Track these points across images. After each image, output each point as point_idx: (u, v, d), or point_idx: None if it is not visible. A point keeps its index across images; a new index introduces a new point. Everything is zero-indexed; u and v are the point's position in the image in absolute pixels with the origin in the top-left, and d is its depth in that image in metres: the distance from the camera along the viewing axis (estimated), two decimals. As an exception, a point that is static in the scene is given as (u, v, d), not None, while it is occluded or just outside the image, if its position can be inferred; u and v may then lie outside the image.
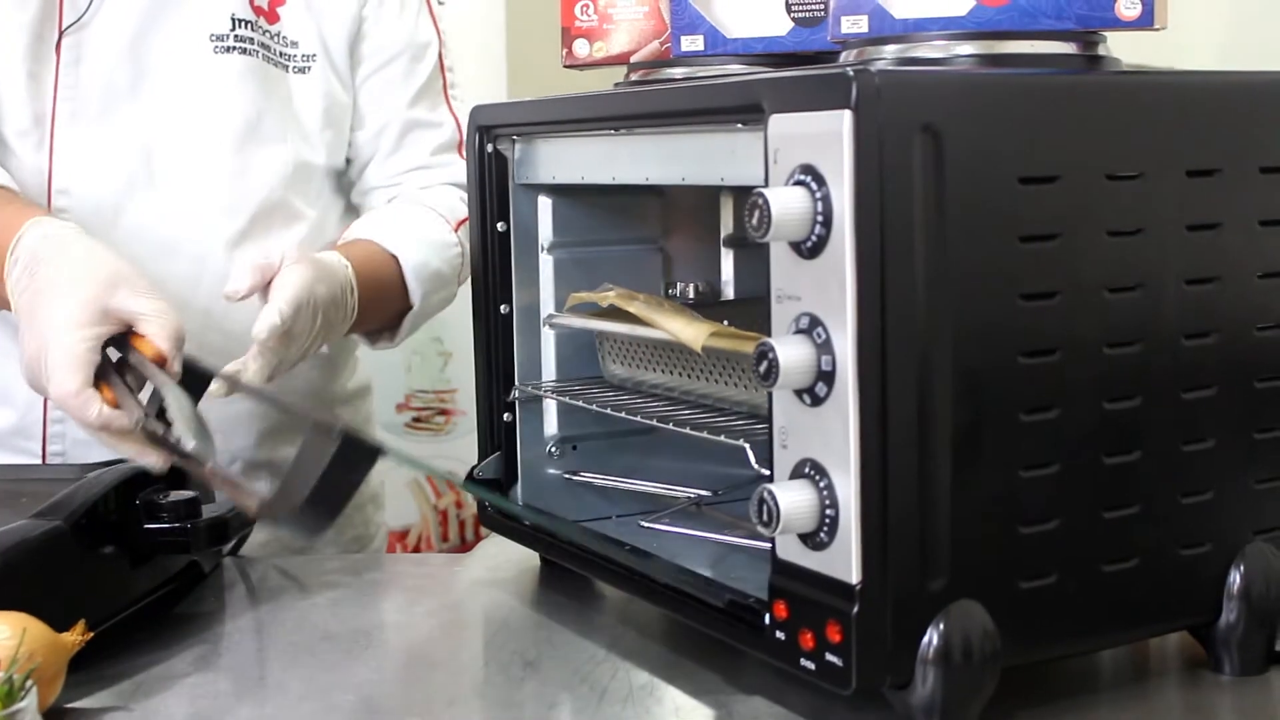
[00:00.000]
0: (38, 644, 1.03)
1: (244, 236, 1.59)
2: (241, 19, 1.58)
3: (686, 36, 1.29)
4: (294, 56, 1.62)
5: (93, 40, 1.54)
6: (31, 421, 1.57)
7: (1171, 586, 1.09)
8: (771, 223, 0.97)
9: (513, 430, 1.41)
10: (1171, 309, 1.07)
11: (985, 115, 0.99)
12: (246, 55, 1.58)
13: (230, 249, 1.58)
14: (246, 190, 1.60)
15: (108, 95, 1.54)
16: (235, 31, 1.58)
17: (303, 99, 1.63)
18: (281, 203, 1.62)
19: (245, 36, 1.58)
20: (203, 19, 1.57)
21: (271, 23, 1.61)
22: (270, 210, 1.61)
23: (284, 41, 1.62)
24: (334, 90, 1.65)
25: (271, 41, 1.61)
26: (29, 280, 1.30)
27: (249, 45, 1.59)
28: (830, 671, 0.99)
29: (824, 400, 0.98)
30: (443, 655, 1.25)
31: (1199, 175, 1.07)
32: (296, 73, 1.63)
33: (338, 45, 1.65)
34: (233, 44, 1.58)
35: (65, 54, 1.53)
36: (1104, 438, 1.05)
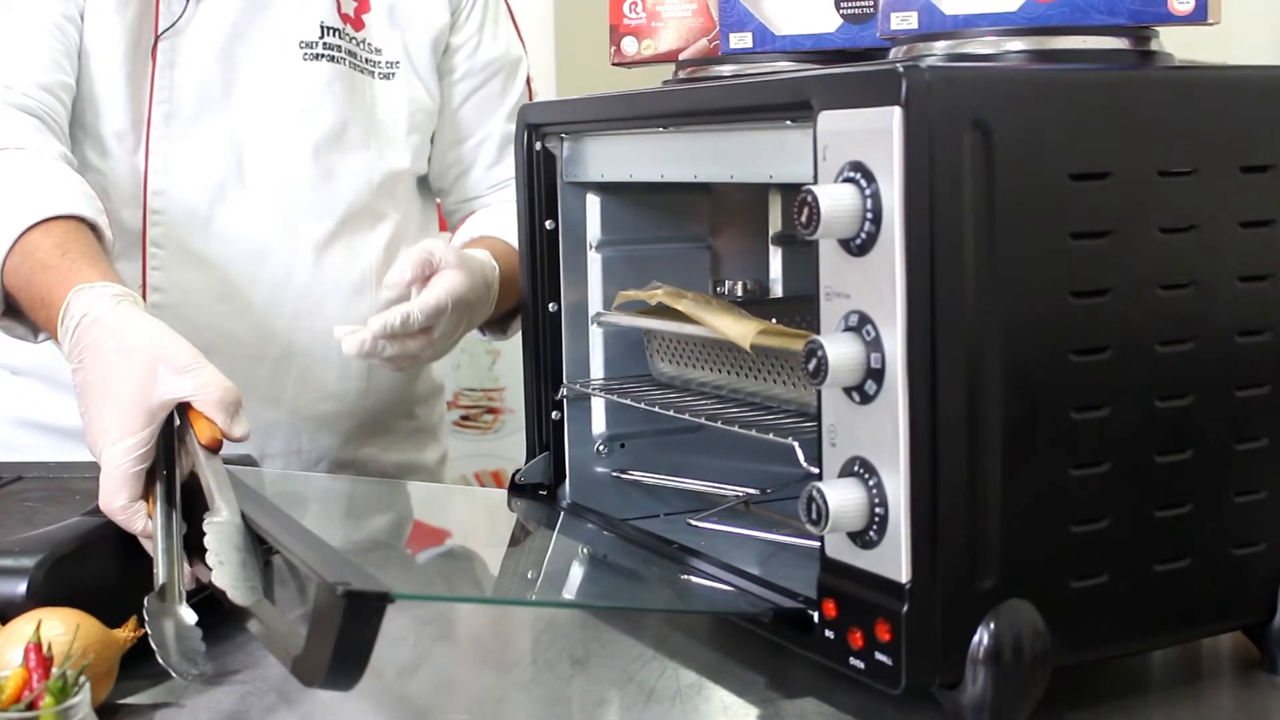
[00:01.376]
0: (90, 640, 1.04)
1: (332, 239, 1.63)
2: (330, 26, 1.61)
3: (735, 34, 1.29)
4: (379, 63, 1.66)
5: (187, 45, 1.57)
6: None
7: (1224, 586, 1.08)
8: (821, 220, 0.96)
9: (561, 428, 1.41)
10: (1224, 306, 1.06)
11: (1035, 111, 0.98)
12: (334, 62, 1.62)
13: (318, 252, 1.62)
14: (334, 194, 1.63)
15: (201, 99, 1.57)
16: (324, 39, 1.61)
17: (387, 105, 1.66)
18: (367, 207, 1.66)
19: (333, 44, 1.61)
20: (293, 26, 1.60)
21: (357, 30, 1.64)
22: (357, 214, 1.65)
23: (369, 48, 1.65)
24: (419, 96, 1.69)
25: (357, 49, 1.64)
26: (79, 366, 1.27)
27: (337, 53, 1.61)
28: (880, 670, 0.99)
29: (873, 398, 0.97)
30: (490, 653, 1.25)
31: (1252, 171, 1.06)
32: (381, 79, 1.66)
33: (421, 54, 1.69)
34: (321, 51, 1.61)
35: (161, 58, 1.56)
36: (1156, 436, 1.04)
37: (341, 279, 1.63)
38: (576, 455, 1.41)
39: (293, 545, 1.05)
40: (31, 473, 1.40)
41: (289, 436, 1.64)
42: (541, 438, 1.41)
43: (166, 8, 1.56)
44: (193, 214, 1.57)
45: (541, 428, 1.41)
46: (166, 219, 1.56)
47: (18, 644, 0.99)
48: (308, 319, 1.61)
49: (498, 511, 1.48)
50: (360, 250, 1.64)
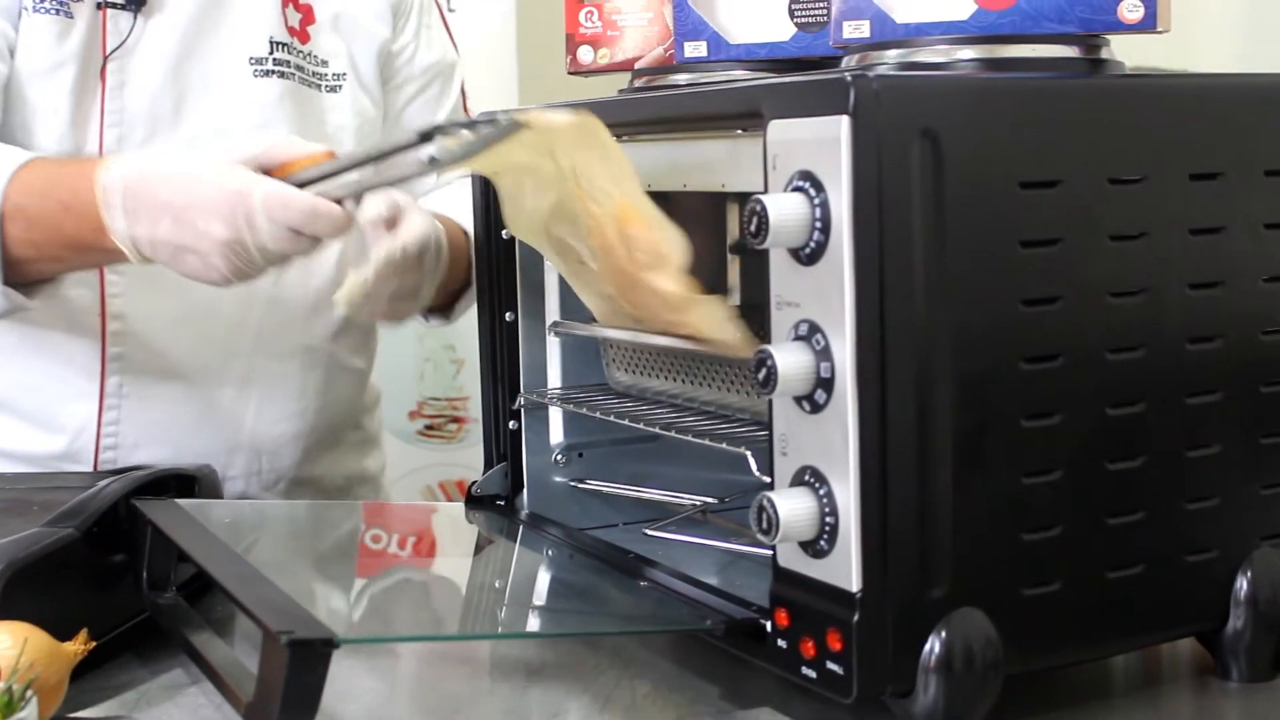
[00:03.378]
0: (39, 653, 1.03)
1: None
2: (279, 41, 1.60)
3: (690, 42, 1.29)
4: (326, 76, 1.64)
5: (137, 64, 1.54)
6: (81, 447, 1.57)
7: (1177, 593, 1.09)
8: (769, 229, 0.96)
9: (518, 438, 1.41)
10: (1175, 314, 1.06)
11: (984, 120, 0.99)
12: (284, 78, 1.60)
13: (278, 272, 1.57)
14: None
15: (152, 120, 1.55)
16: (273, 55, 1.59)
17: (336, 118, 1.65)
18: None
19: (282, 59, 1.60)
20: (243, 42, 1.58)
21: (303, 43, 1.63)
22: None
23: (315, 61, 1.63)
24: (364, 108, 1.68)
25: (305, 62, 1.62)
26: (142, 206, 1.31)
27: (286, 68, 1.60)
28: (832, 680, 0.99)
29: (823, 407, 0.97)
30: (447, 664, 1.24)
31: (1202, 179, 1.06)
32: (329, 92, 1.65)
33: (367, 63, 1.67)
34: (271, 67, 1.59)
35: (110, 79, 1.53)
36: (1107, 443, 1.04)
37: (301, 298, 1.62)
38: (534, 465, 1.41)
39: (239, 590, 1.06)
40: (-11, 485, 1.40)
41: (249, 458, 1.63)
42: (499, 448, 1.41)
43: (114, 26, 1.53)
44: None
45: (499, 438, 1.41)
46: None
47: (-36, 659, 0.98)
48: (269, 340, 1.60)
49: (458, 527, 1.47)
50: (317, 268, 1.63)
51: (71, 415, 1.56)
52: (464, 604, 1.28)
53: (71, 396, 1.56)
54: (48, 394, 1.57)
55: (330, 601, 1.22)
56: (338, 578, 1.31)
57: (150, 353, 1.56)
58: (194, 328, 1.57)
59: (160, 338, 1.56)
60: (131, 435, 1.56)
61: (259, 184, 1.26)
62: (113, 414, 1.56)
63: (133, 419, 1.56)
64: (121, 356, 1.55)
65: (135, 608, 1.26)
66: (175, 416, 1.58)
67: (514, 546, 1.37)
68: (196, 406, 1.58)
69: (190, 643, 1.15)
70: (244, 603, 1.02)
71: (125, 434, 1.56)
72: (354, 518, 1.57)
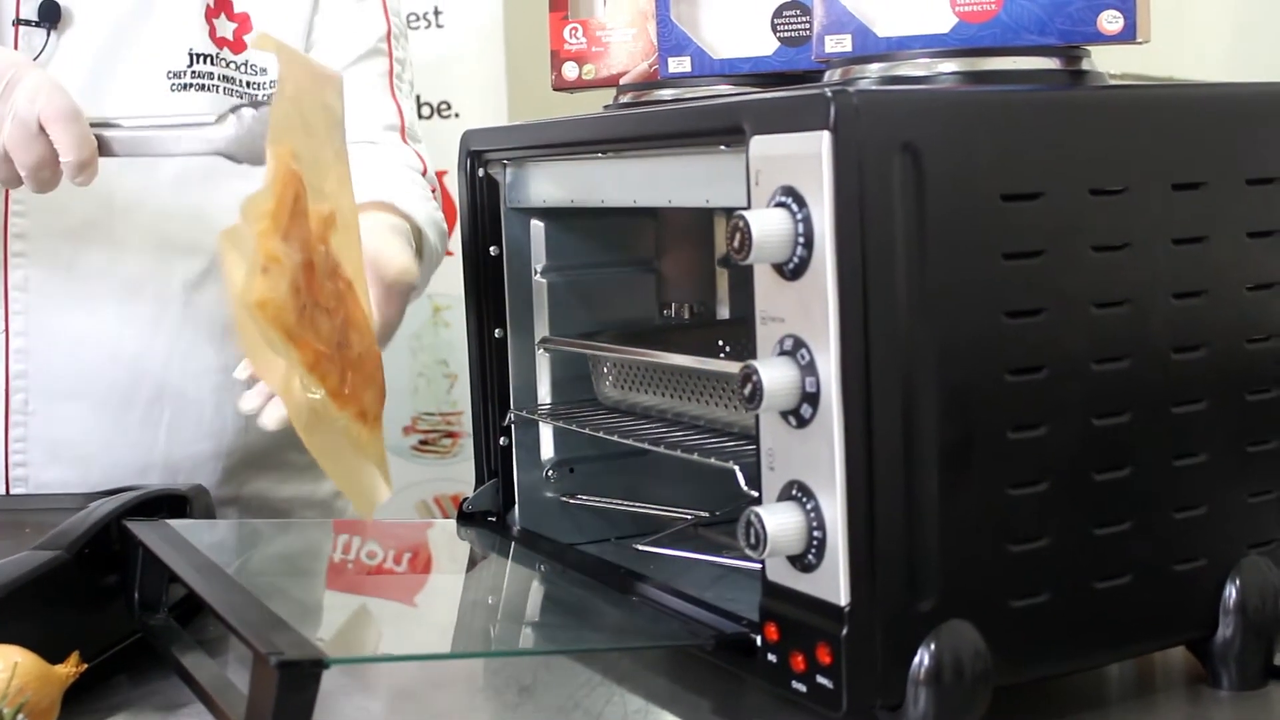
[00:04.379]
0: (29, 677, 1.03)
1: (205, 276, 1.58)
2: (200, 53, 1.56)
3: (674, 58, 1.29)
4: (262, 85, 1.59)
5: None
6: None
7: (1166, 602, 1.09)
8: (753, 245, 0.97)
9: (509, 454, 1.41)
10: (1160, 323, 1.06)
11: (965, 133, 0.99)
12: (206, 91, 1.56)
13: (189, 291, 1.57)
14: (206, 230, 1.54)
15: None
16: (193, 67, 1.56)
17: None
18: None
19: (204, 72, 1.56)
20: (159, 56, 1.55)
21: (237, 52, 1.59)
22: None
23: (252, 70, 1.59)
24: None
25: (236, 73, 1.58)
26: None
27: (209, 80, 1.56)
28: (821, 694, 0.99)
29: (809, 422, 0.98)
30: (437, 681, 1.24)
31: (1184, 189, 1.07)
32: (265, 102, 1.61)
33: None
34: (190, 80, 1.55)
35: None
36: (1093, 454, 1.04)
37: (215, 317, 1.58)
38: (525, 481, 1.41)
39: (229, 612, 1.05)
40: (-22, 507, 1.40)
41: (164, 477, 1.58)
42: (490, 464, 1.41)
43: (26, 43, 1.50)
44: (57, 252, 1.52)
45: (490, 454, 1.41)
46: (28, 262, 1.52)
47: (-46, 684, 0.98)
48: (180, 360, 1.57)
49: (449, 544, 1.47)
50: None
51: None
52: (456, 622, 1.28)
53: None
54: None
55: (321, 621, 1.22)
56: (329, 597, 1.31)
57: (53, 372, 1.54)
58: (99, 348, 1.55)
59: (65, 357, 1.54)
60: (39, 454, 1.55)
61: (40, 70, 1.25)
62: (19, 430, 1.54)
63: (39, 437, 1.54)
64: (25, 374, 1.53)
65: (127, 629, 1.26)
66: (83, 435, 1.55)
67: (506, 563, 1.37)
68: (105, 425, 1.56)
69: (182, 664, 1.15)
70: (233, 624, 1.02)
71: (33, 452, 1.55)
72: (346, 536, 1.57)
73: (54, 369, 1.54)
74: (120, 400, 1.56)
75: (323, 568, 1.43)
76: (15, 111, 1.25)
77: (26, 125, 1.25)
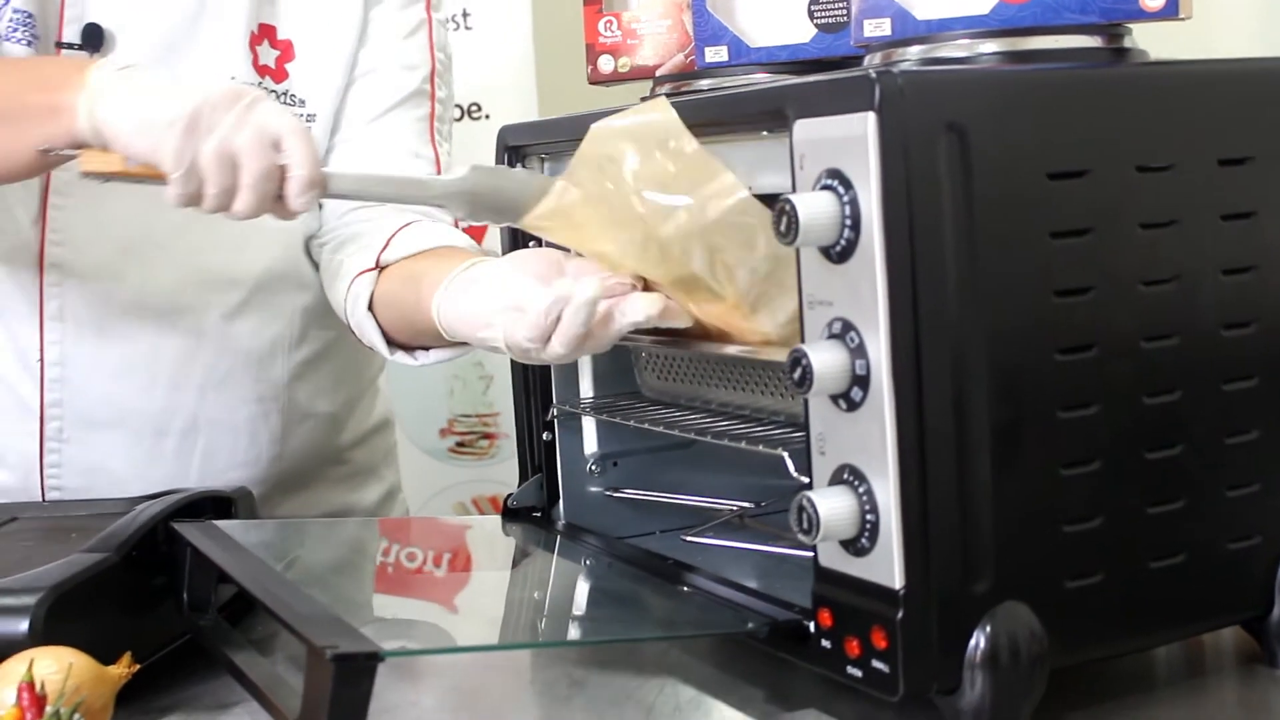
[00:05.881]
0: (83, 677, 1.03)
1: (244, 307, 1.58)
2: (243, 81, 1.54)
3: (710, 48, 1.29)
4: (300, 116, 1.57)
5: None
6: (32, 485, 1.56)
7: (1221, 581, 1.08)
8: (800, 228, 0.96)
9: (552, 449, 1.40)
10: (1209, 300, 1.06)
11: (1010, 112, 0.99)
12: None
13: (227, 322, 1.57)
14: (246, 262, 1.58)
15: None
16: None
17: None
18: (284, 273, 1.60)
19: None
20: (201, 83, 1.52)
21: (278, 81, 1.58)
22: (271, 281, 1.59)
23: (292, 100, 1.58)
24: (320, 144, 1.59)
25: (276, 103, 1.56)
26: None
27: None
28: (877, 678, 0.99)
29: (859, 405, 0.97)
30: (489, 676, 1.24)
31: (1231, 164, 1.06)
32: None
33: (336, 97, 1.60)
34: None
35: None
36: (1145, 433, 1.04)
37: (250, 349, 1.59)
38: (569, 476, 1.41)
39: (281, 608, 1.06)
40: (26, 513, 1.41)
41: None
42: (533, 460, 1.41)
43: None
44: (96, 280, 1.52)
45: (533, 450, 1.41)
46: (64, 292, 1.52)
47: (10, 684, 0.98)
48: (215, 390, 1.57)
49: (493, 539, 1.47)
50: (271, 318, 1.60)
51: (18, 455, 1.55)
52: (505, 615, 1.28)
53: (16, 438, 1.55)
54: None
55: (372, 616, 1.22)
56: (378, 593, 1.31)
57: (89, 400, 1.54)
58: (134, 376, 1.55)
59: (100, 386, 1.54)
60: (74, 480, 1.55)
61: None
62: (54, 456, 1.54)
63: (74, 464, 1.55)
64: (60, 403, 1.54)
65: (176, 630, 1.26)
66: (118, 463, 1.56)
67: (552, 557, 1.37)
68: (139, 454, 1.56)
69: (234, 663, 1.15)
70: (287, 620, 1.02)
71: (67, 478, 1.55)
72: (392, 534, 1.58)
73: (89, 398, 1.54)
74: (155, 429, 1.56)
75: (370, 565, 1.43)
76: (257, 122, 1.25)
77: (264, 134, 1.25)
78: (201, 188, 1.26)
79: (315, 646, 0.95)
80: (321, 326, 1.64)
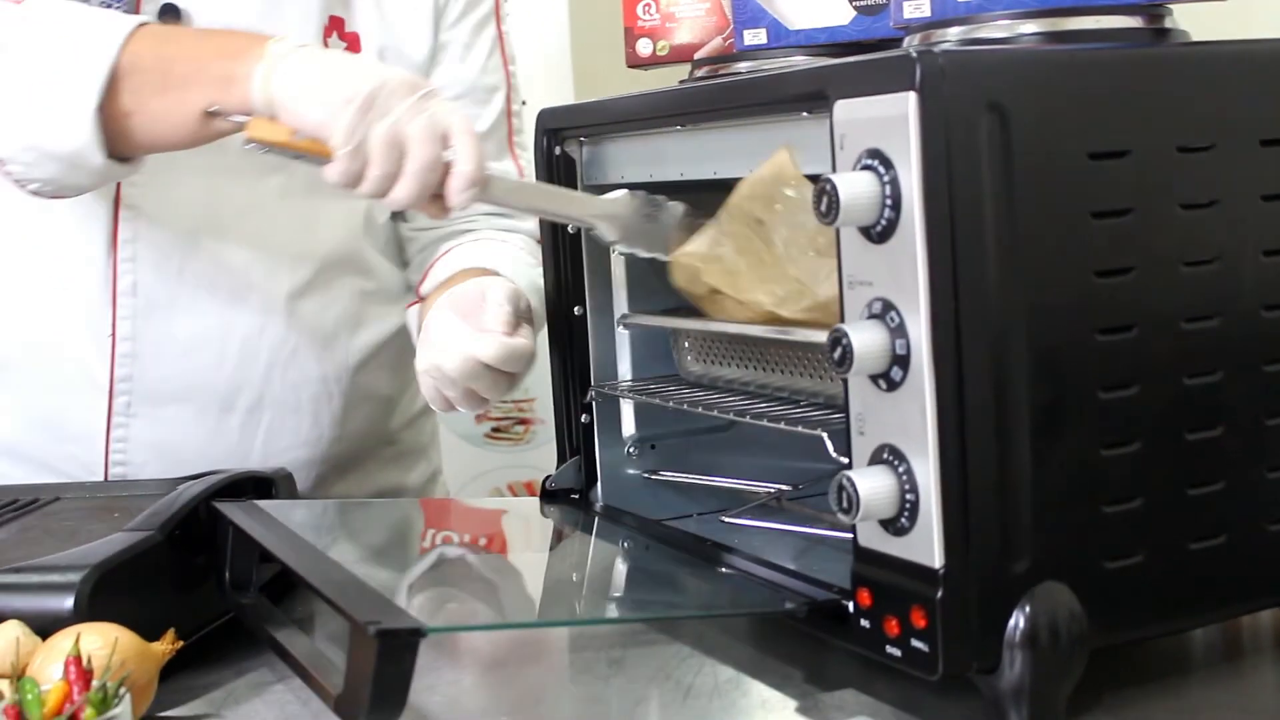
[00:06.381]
0: (129, 653, 1.04)
1: (309, 287, 1.60)
2: None
3: (749, 30, 1.29)
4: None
5: None
6: (93, 460, 1.58)
7: (1261, 563, 1.08)
8: (840, 208, 0.96)
9: (590, 432, 1.41)
10: (1249, 280, 1.05)
11: (1051, 91, 0.98)
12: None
13: (293, 301, 1.59)
14: (313, 242, 1.60)
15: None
16: None
17: None
18: (347, 256, 1.63)
19: None
20: None
21: None
22: (337, 263, 1.62)
23: None
24: None
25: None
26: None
27: None
28: (917, 657, 0.99)
29: (900, 385, 0.97)
30: (528, 655, 1.25)
31: (1272, 144, 1.06)
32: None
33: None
34: None
35: None
36: (1185, 413, 1.03)
37: (316, 328, 1.61)
38: (607, 458, 1.41)
39: (325, 585, 1.06)
40: (70, 493, 1.42)
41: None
42: (571, 442, 1.42)
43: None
44: (165, 262, 1.54)
45: (571, 432, 1.42)
46: (137, 267, 1.53)
47: (57, 659, 1.00)
48: (281, 369, 1.59)
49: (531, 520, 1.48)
50: (336, 298, 1.62)
51: (83, 429, 1.56)
52: (544, 594, 1.29)
53: (82, 412, 1.56)
54: (62, 405, 1.57)
55: (414, 594, 1.23)
56: (419, 572, 1.32)
57: (158, 376, 1.56)
58: (204, 352, 1.56)
59: (168, 362, 1.56)
60: (139, 455, 1.57)
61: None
62: (120, 431, 1.56)
63: (140, 439, 1.56)
64: (130, 378, 1.55)
65: (219, 609, 1.27)
66: (183, 439, 1.57)
67: (590, 538, 1.37)
68: (205, 430, 1.57)
69: (276, 639, 1.16)
70: (330, 596, 1.03)
71: (132, 453, 1.57)
72: (433, 514, 1.58)
73: (159, 373, 1.56)
74: (221, 405, 1.58)
75: (409, 544, 1.44)
76: (430, 112, 1.27)
77: (435, 126, 1.26)
78: (365, 169, 1.27)
79: (358, 622, 0.96)
80: (381, 310, 1.67)
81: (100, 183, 1.40)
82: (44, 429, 1.58)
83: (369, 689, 0.95)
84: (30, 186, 1.39)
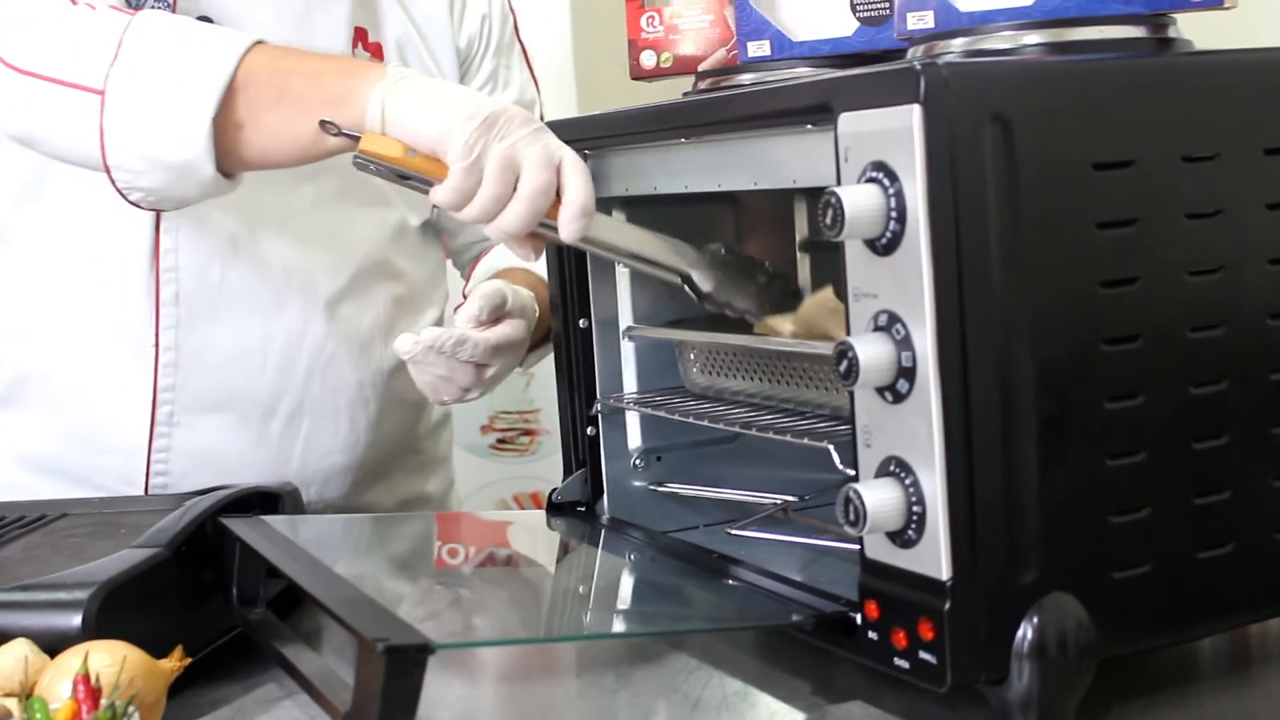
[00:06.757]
0: (137, 671, 1.04)
1: (344, 294, 1.61)
2: None
3: (753, 42, 1.30)
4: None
5: None
6: (133, 471, 1.58)
7: (1268, 572, 1.08)
8: (845, 221, 0.97)
9: (596, 444, 1.41)
10: (1254, 290, 1.05)
11: (1055, 102, 0.99)
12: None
13: (331, 308, 1.60)
14: (347, 250, 1.62)
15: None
16: None
17: None
18: (379, 262, 1.64)
19: None
20: None
21: None
22: (370, 270, 1.63)
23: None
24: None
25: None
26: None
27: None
28: (925, 669, 0.99)
29: (906, 397, 0.97)
30: (536, 670, 1.25)
31: (1276, 153, 1.06)
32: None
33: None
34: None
35: None
36: (1191, 423, 1.03)
37: (353, 333, 1.62)
38: (613, 470, 1.41)
39: (332, 601, 1.06)
40: (77, 509, 1.42)
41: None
42: (577, 454, 1.42)
43: None
44: (205, 270, 1.55)
45: (577, 444, 1.42)
46: (179, 278, 1.54)
47: (66, 677, 1.00)
48: (320, 375, 1.60)
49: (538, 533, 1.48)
50: (370, 304, 1.63)
51: (123, 441, 1.57)
52: (550, 608, 1.29)
53: (124, 423, 1.57)
54: (102, 417, 1.58)
55: (421, 610, 1.23)
56: (426, 587, 1.32)
57: (201, 385, 1.56)
58: (246, 359, 1.57)
59: (212, 370, 1.56)
60: (181, 464, 1.57)
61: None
62: (163, 441, 1.57)
63: (182, 449, 1.57)
64: (172, 388, 1.56)
65: (226, 625, 1.27)
66: (225, 447, 1.58)
67: (596, 551, 1.37)
68: (247, 438, 1.58)
69: (283, 655, 1.16)
70: (337, 612, 1.03)
71: (174, 462, 1.57)
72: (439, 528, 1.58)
73: (201, 383, 1.57)
74: (263, 413, 1.59)
75: (416, 559, 1.44)
76: (546, 142, 1.28)
77: (551, 155, 1.27)
78: (478, 188, 1.27)
79: (366, 639, 0.96)
80: (412, 316, 1.68)
81: (204, 196, 1.40)
82: (83, 442, 1.59)
83: (377, 705, 0.95)
84: (133, 196, 1.39)
